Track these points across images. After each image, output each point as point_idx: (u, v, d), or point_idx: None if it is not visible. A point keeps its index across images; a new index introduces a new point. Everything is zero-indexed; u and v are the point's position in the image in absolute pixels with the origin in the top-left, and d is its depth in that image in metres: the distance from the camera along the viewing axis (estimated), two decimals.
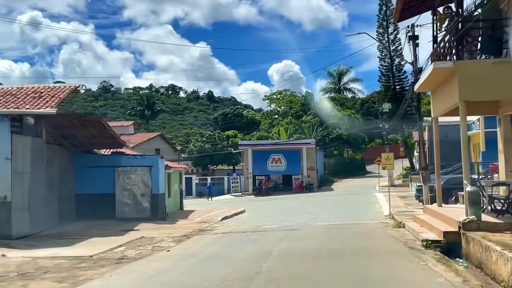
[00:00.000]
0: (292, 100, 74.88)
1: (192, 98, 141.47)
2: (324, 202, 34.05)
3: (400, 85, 51.32)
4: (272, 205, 33.96)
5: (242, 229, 18.65)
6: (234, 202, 40.73)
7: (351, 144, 64.86)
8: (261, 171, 51.87)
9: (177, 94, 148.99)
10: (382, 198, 33.27)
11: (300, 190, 49.76)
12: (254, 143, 52.53)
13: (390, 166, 22.87)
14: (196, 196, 55.88)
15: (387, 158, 22.49)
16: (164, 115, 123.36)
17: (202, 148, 57.14)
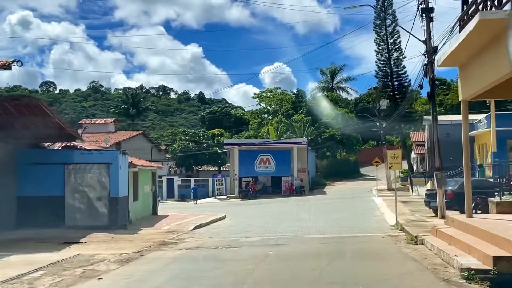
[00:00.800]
0: (283, 99, 71.13)
1: (183, 99, 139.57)
2: (316, 207, 30.26)
3: (398, 81, 47.76)
4: (258, 210, 30.11)
5: (214, 243, 14.77)
6: (217, 206, 36.83)
7: (345, 145, 61.20)
8: (248, 172, 47.98)
9: (168, 95, 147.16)
10: (382, 203, 29.57)
11: (290, 193, 45.96)
12: (241, 142, 48.66)
13: (397, 166, 19.09)
14: (178, 199, 51.97)
15: (394, 156, 18.69)
16: (154, 116, 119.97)
17: (185, 148, 53.16)
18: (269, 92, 76.40)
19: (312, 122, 59.86)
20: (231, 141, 49.59)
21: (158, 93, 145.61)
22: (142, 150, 62.42)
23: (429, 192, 21.08)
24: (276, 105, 70.79)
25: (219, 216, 25.19)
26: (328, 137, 58.71)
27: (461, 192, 19.82)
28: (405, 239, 14.06)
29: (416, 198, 33.03)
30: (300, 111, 63.73)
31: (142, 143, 64.77)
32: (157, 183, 30.08)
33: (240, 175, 48.03)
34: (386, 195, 36.50)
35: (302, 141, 47.36)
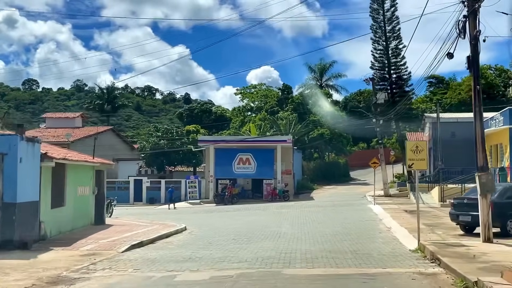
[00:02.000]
0: (268, 95, 65.43)
1: (168, 100, 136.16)
2: (302, 216, 24.54)
3: (397, 73, 42.35)
4: (229, 220, 24.29)
5: (132, 285, 8.95)
6: (185, 213, 30.95)
7: (334, 146, 55.66)
8: (225, 173, 42.17)
9: (153, 95, 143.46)
10: (383, 213, 23.99)
11: (272, 198, 40.26)
12: (217, 139, 42.76)
13: (421, 164, 13.36)
14: (147, 203, 46.00)
15: (415, 149, 13.02)
16: (139, 117, 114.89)
17: (156, 145, 47.18)
18: (253, 88, 70.68)
19: (299, 120, 54.30)
20: (206, 138, 43.69)
21: (143, 93, 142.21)
22: (110, 147, 56.40)
23: (458, 201, 15.43)
24: (260, 101, 65.09)
25: (176, 229, 19.35)
26: (316, 136, 53.15)
27: (505, 202, 14.29)
28: (453, 283, 8.35)
29: (421, 206, 27.47)
30: (286, 108, 58.10)
31: (112, 141, 58.67)
32: (104, 184, 24.11)
33: (216, 176, 42.22)
34: (384, 202, 30.97)
35: (287, 139, 41.67)
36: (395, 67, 42.01)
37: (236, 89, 72.19)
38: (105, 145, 55.09)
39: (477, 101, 13.36)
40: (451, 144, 37.07)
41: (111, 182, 47.50)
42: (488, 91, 57.13)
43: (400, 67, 41.96)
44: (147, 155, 47.53)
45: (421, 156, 13.13)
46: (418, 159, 13.15)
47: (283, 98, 61.74)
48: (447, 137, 37.33)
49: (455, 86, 62.36)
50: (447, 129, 37.50)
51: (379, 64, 42.22)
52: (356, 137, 69.57)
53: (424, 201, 29.94)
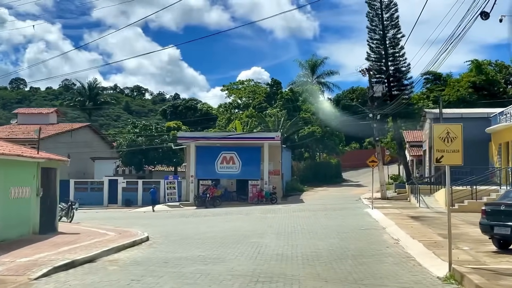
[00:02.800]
0: (256, 91, 61.79)
1: (158, 101, 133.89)
2: (290, 223, 20.93)
3: (394, 65, 38.94)
4: (205, 227, 20.65)
5: None
6: (157, 218, 27.28)
7: (326, 145, 52.16)
8: (207, 174, 38.55)
9: (143, 95, 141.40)
10: (383, 219, 20.51)
11: (258, 200, 36.70)
12: (197, 135, 39.01)
13: (455, 157, 9.76)
14: (122, 205, 42.20)
15: (446, 137, 9.49)
16: (128, 117, 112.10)
17: (133, 142, 43.39)
18: (240, 84, 67.00)
19: (289, 117, 50.77)
20: (186, 135, 39.88)
21: (132, 94, 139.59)
22: (87, 145, 52.54)
23: (493, 208, 11.87)
24: (248, 98, 61.43)
25: (133, 240, 15.67)
26: (307, 134, 49.64)
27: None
28: None
29: (427, 212, 24.06)
30: (275, 105, 54.50)
31: (89, 138, 54.77)
32: (56, 184, 20.38)
33: (197, 177, 38.57)
34: (383, 206, 27.47)
35: (275, 136, 38.10)
36: (393, 58, 38.60)
37: (223, 85, 68.64)
38: (81, 142, 51.40)
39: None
40: None
41: (83, 183, 43.70)
42: (488, 88, 54.04)
43: (398, 58, 38.58)
44: (123, 153, 43.68)
45: (454, 146, 9.62)
46: (450, 151, 9.61)
47: (271, 94, 58.13)
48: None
49: (453, 82, 59.14)
50: None
51: (376, 55, 38.72)
52: (348, 137, 66.22)
53: (428, 205, 26.52)
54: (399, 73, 38.19)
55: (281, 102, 53.35)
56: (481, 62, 55.68)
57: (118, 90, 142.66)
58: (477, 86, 53.60)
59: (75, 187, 42.46)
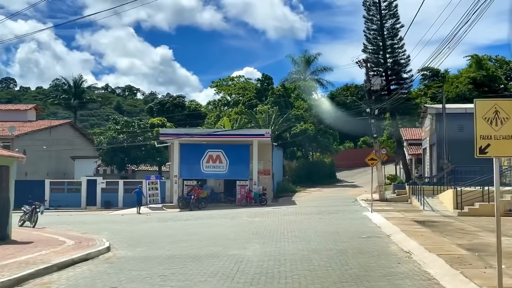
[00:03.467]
0: (246, 87, 59.05)
1: (150, 100, 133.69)
2: (280, 229, 18.28)
3: (393, 57, 36.42)
4: (182, 234, 17.99)
5: None
6: (131, 222, 24.52)
7: (320, 143, 49.56)
8: (192, 173, 35.86)
9: (134, 95, 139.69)
10: (386, 224, 17.95)
11: (247, 202, 34.10)
12: (181, 132, 36.22)
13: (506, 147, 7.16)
14: (101, 207, 39.42)
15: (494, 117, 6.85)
16: (119, 116, 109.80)
17: (114, 139, 40.59)
18: (230, 81, 64.26)
19: (281, 114, 48.12)
20: (169, 131, 37.05)
21: (124, 93, 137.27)
22: (68, 143, 49.67)
23: None
24: (238, 94, 58.69)
25: (87, 252, 12.96)
26: (299, 132, 47.03)
27: None
28: None
29: (433, 215, 21.49)
30: (266, 101, 51.83)
31: (69, 135, 51.89)
32: (11, 184, 17.57)
33: (181, 177, 35.89)
34: (383, 209, 24.90)
35: (265, 133, 35.45)
36: (391, 50, 36.06)
37: (212, 82, 65.81)
38: (61, 140, 48.51)
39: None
40: (458, 139, 31.19)
41: (59, 183, 40.81)
42: (489, 84, 51.67)
43: (397, 50, 36.04)
44: (103, 152, 40.83)
45: (507, 131, 6.94)
46: (500, 137, 6.96)
47: (262, 90, 55.41)
48: (454, 132, 31.46)
49: (452, 79, 56.81)
50: (453, 122, 31.64)
51: (373, 46, 36.14)
52: (342, 136, 63.78)
53: (432, 207, 23.96)
54: (398, 66, 35.66)
55: (272, 99, 50.70)
56: (481, 57, 53.35)
57: (110, 90, 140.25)
58: (477, 83, 51.25)
59: (51, 187, 39.63)
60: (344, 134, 63.31)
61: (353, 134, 64.92)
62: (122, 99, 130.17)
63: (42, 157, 46.83)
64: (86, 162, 47.87)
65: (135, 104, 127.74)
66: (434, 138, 33.29)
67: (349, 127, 60.60)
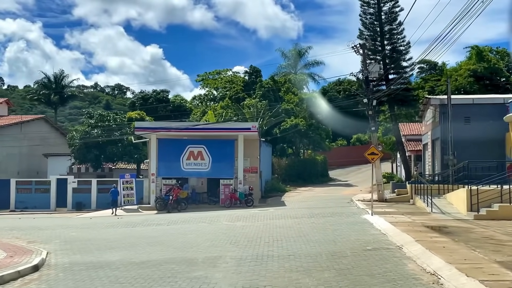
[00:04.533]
0: (233, 81, 55.71)
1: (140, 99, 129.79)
2: (264, 237, 15.06)
3: (392, 44, 33.31)
4: (144, 243, 14.74)
5: None
6: (93, 227, 21.14)
7: (311, 139, 46.38)
8: (171, 171, 32.47)
9: (124, 94, 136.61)
10: (393, 231, 14.80)
11: (231, 203, 30.78)
12: (157, 126, 32.74)
13: None
14: (72, 209, 36.01)
15: None
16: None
17: (87, 135, 37.14)
18: (216, 74, 60.87)
19: (270, 108, 44.88)
20: (144, 125, 33.57)
21: (113, 92, 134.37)
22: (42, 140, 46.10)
23: None
24: (224, 88, 55.33)
25: (6, 273, 9.63)
26: (290, 127, 43.84)
27: None
28: None
29: (446, 219, 18.38)
30: (254, 95, 48.55)
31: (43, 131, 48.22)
32: None
33: (159, 175, 32.49)
34: (385, 211, 21.79)
35: (251, 127, 32.11)
36: (390, 36, 32.94)
37: (197, 75, 62.40)
38: (34, 136, 44.95)
39: None
40: (464, 132, 28.19)
41: (26, 183, 37.18)
42: (490, 77, 48.86)
43: (396, 36, 32.93)
44: (75, 148, 37.33)
45: None
46: None
47: (250, 83, 52.08)
48: (460, 124, 28.44)
49: (450, 72, 53.98)
50: (459, 114, 28.58)
51: (370, 32, 32.96)
52: (335, 133, 60.70)
53: (441, 209, 20.85)
54: (397, 53, 32.56)
55: (261, 92, 47.42)
56: (482, 48, 50.44)
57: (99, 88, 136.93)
58: (478, 75, 48.41)
59: (17, 187, 36.15)
60: (336, 131, 60.28)
61: (346, 131, 61.93)
62: (111, 98, 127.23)
63: (11, 154, 43.29)
64: (60, 160, 44.27)
65: (125, 103, 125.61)
66: (437, 132, 30.19)
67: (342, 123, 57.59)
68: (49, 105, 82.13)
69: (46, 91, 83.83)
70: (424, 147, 36.28)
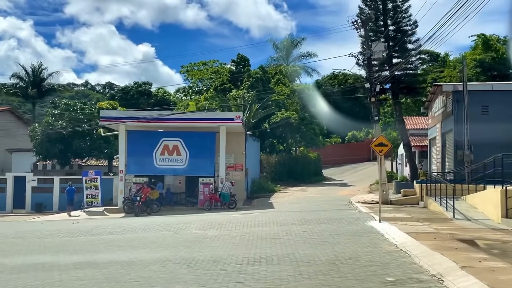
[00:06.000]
0: (220, 71, 51.38)
1: None
2: (239, 256, 10.92)
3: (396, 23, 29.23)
4: (70, 262, 10.43)
5: None
6: (23, 238, 16.77)
7: (304, 135, 42.21)
8: (143, 168, 28.22)
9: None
10: (418, 248, 10.47)
11: (211, 205, 26.52)
12: (125, 115, 28.27)
13: None
14: (32, 210, 31.73)
15: None
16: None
17: (50, 127, 32.76)
18: (202, 65, 56.52)
19: (259, 100, 40.68)
20: (111, 114, 29.14)
21: (104, 90, 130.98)
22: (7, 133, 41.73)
23: None
24: (210, 79, 51.03)
25: None
26: (280, 121, 39.66)
27: None
28: None
29: (476, 228, 14.28)
30: (242, 87, 44.31)
31: (9, 124, 43.73)
32: None
33: (128, 172, 28.19)
34: (393, 216, 17.71)
35: (234, 117, 27.88)
36: (394, 14, 28.84)
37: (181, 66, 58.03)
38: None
39: None
40: (481, 124, 24.13)
41: None
42: (498, 68, 44.91)
43: (401, 15, 28.84)
44: (37, 142, 32.92)
45: None
46: None
47: (237, 73, 47.79)
48: (477, 114, 24.38)
49: (454, 63, 50.02)
50: (475, 102, 24.52)
51: (370, 9, 28.80)
52: (329, 130, 56.72)
53: (465, 215, 16.75)
54: (402, 34, 28.44)
55: (249, 83, 43.14)
56: (489, 37, 46.49)
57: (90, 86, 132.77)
58: (485, 66, 44.44)
59: None
60: (331, 127, 56.33)
61: (341, 127, 58.03)
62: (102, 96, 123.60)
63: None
64: (26, 156, 39.87)
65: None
66: (449, 124, 26.13)
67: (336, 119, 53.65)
68: (27, 99, 77.38)
69: (24, 84, 79.49)
70: (431, 142, 32.23)
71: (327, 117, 51.78)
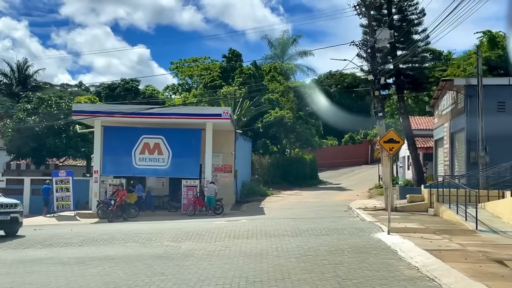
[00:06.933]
0: (210, 68, 48.75)
1: None
2: (211, 283, 8.08)
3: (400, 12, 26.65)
4: None
5: None
6: None
7: (299, 135, 39.55)
8: (120, 169, 25.42)
9: None
10: (457, 280, 7.60)
11: (195, 210, 23.79)
12: (101, 109, 25.42)
13: None
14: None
15: None
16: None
17: (22, 123, 29.93)
18: (192, 62, 53.85)
19: (251, 97, 38.01)
20: (83, 107, 26.23)
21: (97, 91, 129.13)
22: None
23: None
24: (200, 76, 48.35)
25: None
26: (274, 119, 37.00)
27: None
28: None
29: (505, 242, 11.63)
30: (234, 84, 41.65)
31: None
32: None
33: (104, 173, 25.42)
34: (404, 226, 15.02)
35: (222, 113, 25.17)
36: (399, 1, 26.31)
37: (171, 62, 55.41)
38: None
39: None
40: (497, 122, 21.58)
41: None
42: (505, 67, 42.48)
43: (406, 2, 26.31)
44: (7, 140, 30.09)
45: None
46: None
47: (229, 69, 45.10)
48: (492, 111, 21.81)
49: (457, 61, 47.58)
50: (490, 99, 21.95)
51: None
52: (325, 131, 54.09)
53: (489, 226, 14.12)
54: (407, 24, 25.89)
55: (241, 79, 40.48)
56: (495, 34, 44.08)
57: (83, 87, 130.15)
58: (492, 64, 42.03)
59: None
60: (327, 129, 53.76)
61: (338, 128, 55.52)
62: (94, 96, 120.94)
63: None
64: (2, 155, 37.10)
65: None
66: (460, 122, 23.55)
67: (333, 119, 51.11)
68: (12, 97, 74.58)
69: (8, 81, 76.77)
70: (437, 143, 29.64)
71: (324, 116, 49.26)
